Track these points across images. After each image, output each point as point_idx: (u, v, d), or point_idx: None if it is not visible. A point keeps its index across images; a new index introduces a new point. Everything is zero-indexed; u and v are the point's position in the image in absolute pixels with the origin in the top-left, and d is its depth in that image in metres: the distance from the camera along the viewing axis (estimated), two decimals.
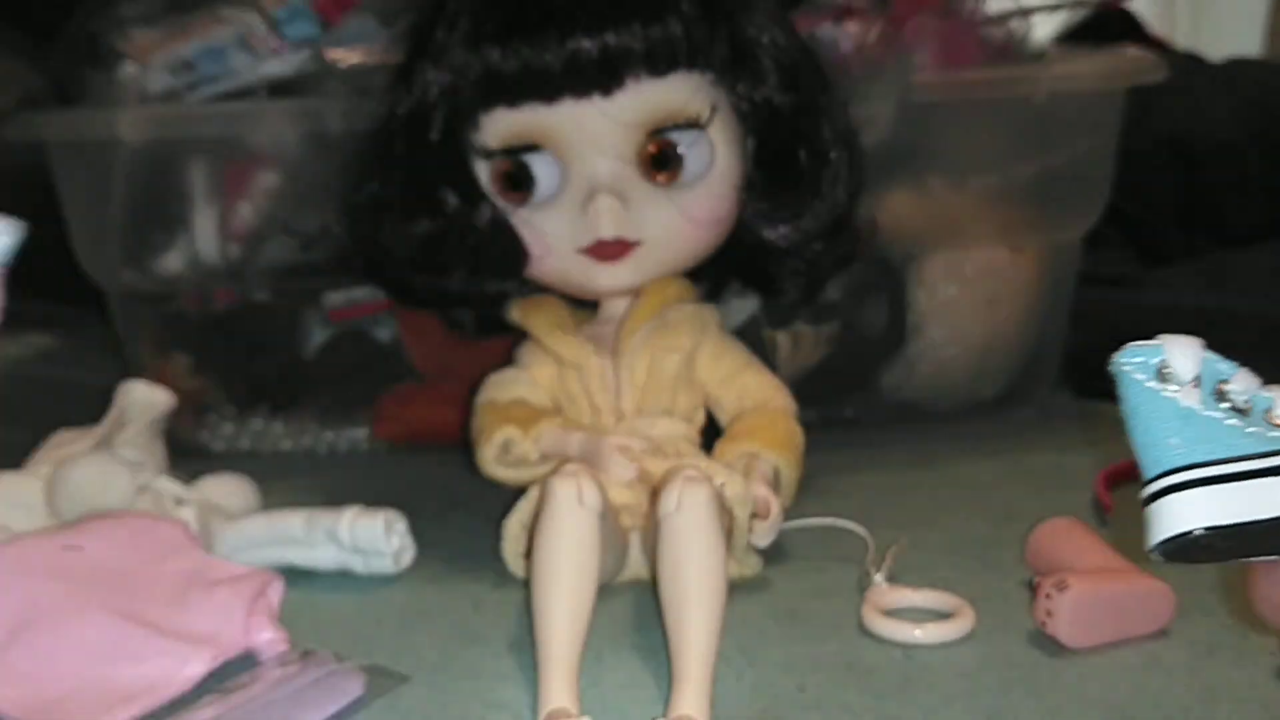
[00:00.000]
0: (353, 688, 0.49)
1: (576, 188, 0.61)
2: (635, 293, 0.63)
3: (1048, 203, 0.79)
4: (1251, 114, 1.15)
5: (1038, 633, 0.52)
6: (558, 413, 0.63)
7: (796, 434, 0.62)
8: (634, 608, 0.57)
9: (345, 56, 0.70)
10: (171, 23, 0.73)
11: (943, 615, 0.55)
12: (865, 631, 0.54)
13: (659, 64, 0.59)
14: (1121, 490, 0.69)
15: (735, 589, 0.57)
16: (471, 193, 0.62)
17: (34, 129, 0.74)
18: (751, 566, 0.60)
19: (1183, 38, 1.89)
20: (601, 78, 0.58)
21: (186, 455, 0.77)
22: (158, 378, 0.76)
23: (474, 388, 0.65)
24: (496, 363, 0.66)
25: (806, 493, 0.65)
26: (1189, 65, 1.24)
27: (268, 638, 0.51)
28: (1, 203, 0.94)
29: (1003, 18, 0.77)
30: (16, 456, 0.65)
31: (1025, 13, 0.77)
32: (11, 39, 0.96)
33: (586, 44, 0.57)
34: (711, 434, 0.63)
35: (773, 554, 0.61)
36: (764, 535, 0.58)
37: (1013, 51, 0.77)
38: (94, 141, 0.72)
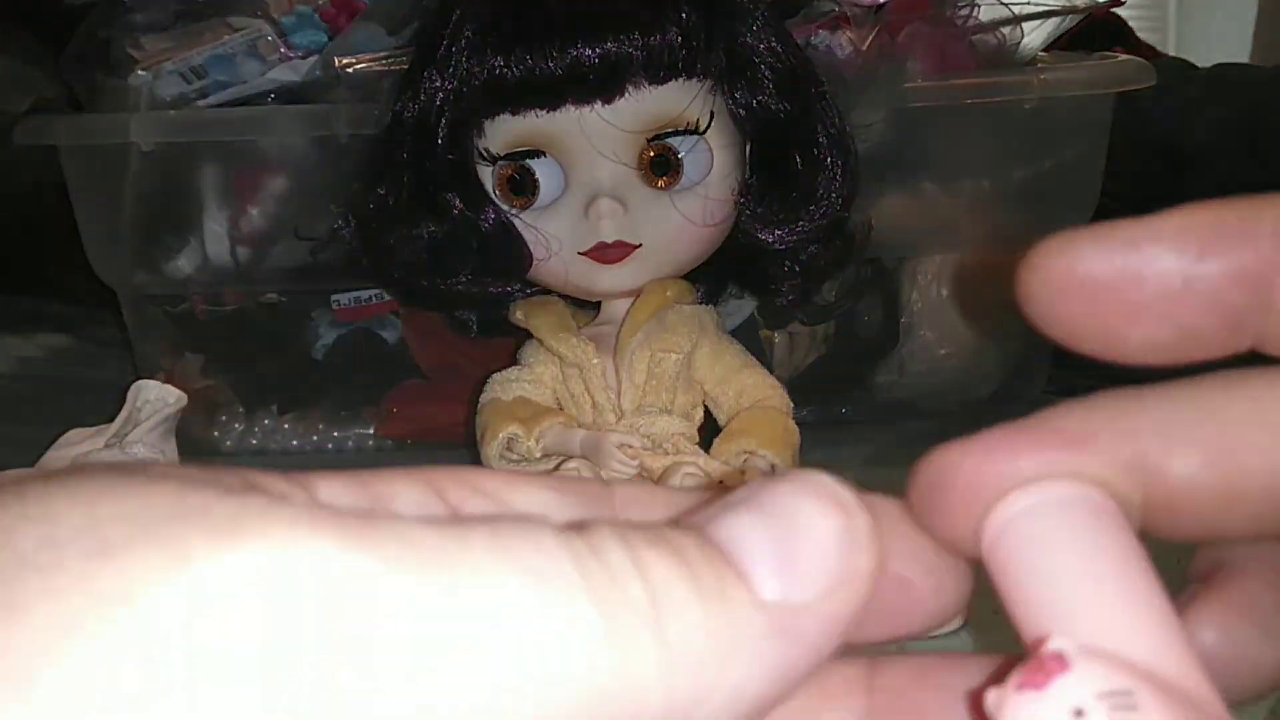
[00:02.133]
0: None
1: (578, 192, 0.62)
2: (635, 294, 0.64)
3: (1038, 206, 0.79)
4: (1239, 118, 1.16)
5: None
6: (560, 411, 0.64)
7: (793, 432, 0.63)
8: None
9: (352, 63, 0.70)
10: (182, 30, 0.74)
11: None
12: None
13: (658, 72, 0.60)
14: None
15: None
16: (476, 197, 0.62)
17: (47, 133, 0.75)
18: None
19: (1172, 43, 1.90)
20: (602, 85, 0.59)
21: (197, 454, 0.77)
22: (168, 377, 0.77)
23: (478, 387, 0.66)
24: (500, 362, 0.67)
25: None
26: (1178, 70, 1.25)
27: None
28: (15, 205, 0.95)
29: (994, 25, 0.77)
30: (29, 454, 0.65)
31: (1017, 20, 0.78)
32: (25, 44, 0.97)
33: (588, 52, 0.58)
34: (710, 432, 0.64)
35: None
36: None
37: (1004, 58, 0.77)
38: (106, 146, 0.73)
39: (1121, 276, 0.20)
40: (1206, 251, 0.19)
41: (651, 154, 0.61)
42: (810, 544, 0.18)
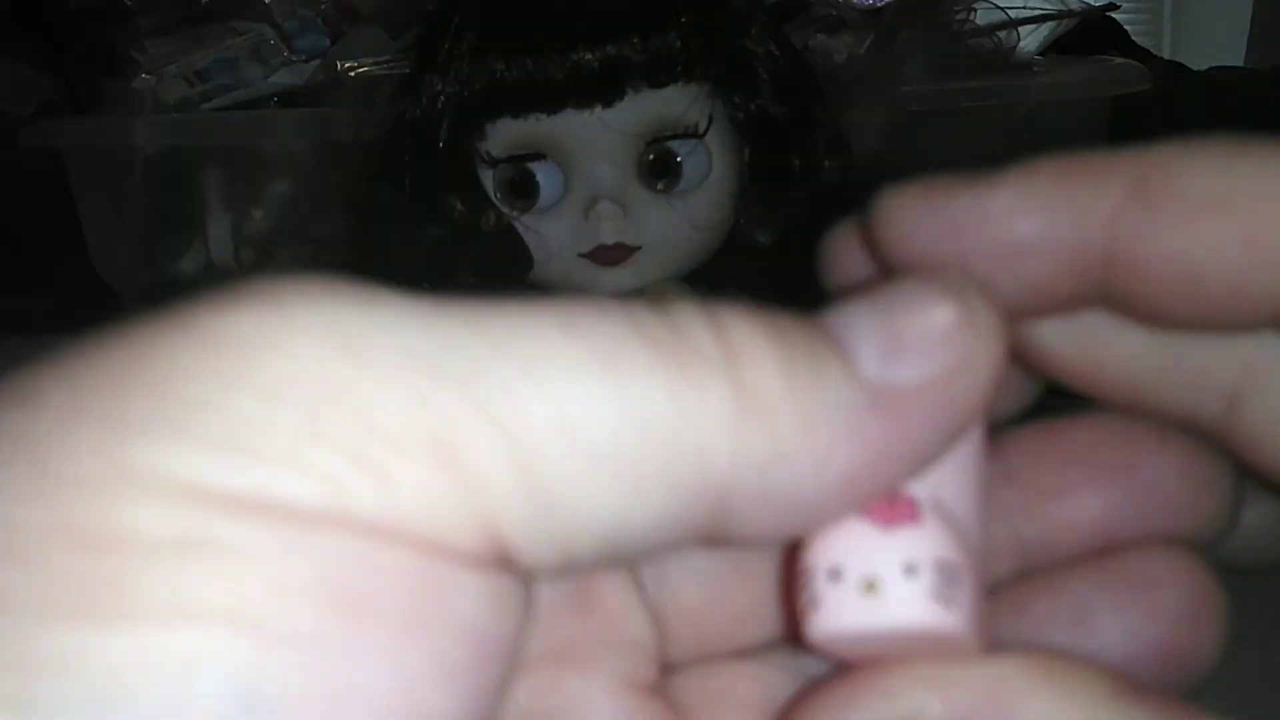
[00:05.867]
0: None
1: (578, 195, 0.62)
2: (635, 296, 0.65)
3: None
4: (1233, 121, 1.16)
5: None
6: None
7: None
8: None
9: (354, 67, 0.71)
10: (185, 34, 0.74)
11: None
12: None
13: (658, 76, 0.60)
14: None
15: None
16: (476, 199, 0.63)
17: (51, 136, 0.75)
18: None
19: (1167, 47, 1.91)
20: (602, 89, 0.60)
21: None
22: None
23: None
24: None
25: None
26: (1173, 74, 1.26)
27: None
28: (20, 207, 0.96)
29: (991, 29, 0.78)
30: None
31: (1013, 24, 0.78)
32: (29, 48, 0.97)
33: (588, 56, 0.59)
34: None
35: None
36: None
37: (1001, 61, 0.78)
38: (110, 148, 0.73)
39: (964, 238, 0.19)
40: (1052, 208, 0.18)
41: (651, 157, 0.62)
42: (920, 327, 0.17)
